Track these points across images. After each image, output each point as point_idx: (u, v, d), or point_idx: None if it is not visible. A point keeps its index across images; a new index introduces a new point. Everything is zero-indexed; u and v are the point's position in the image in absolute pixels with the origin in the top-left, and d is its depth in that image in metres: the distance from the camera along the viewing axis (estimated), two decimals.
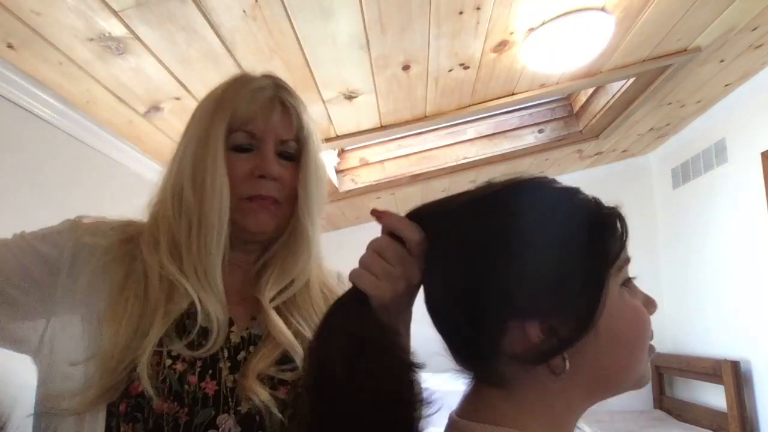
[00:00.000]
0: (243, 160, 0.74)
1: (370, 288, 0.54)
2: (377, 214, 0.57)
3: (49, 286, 0.70)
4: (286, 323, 0.76)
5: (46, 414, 0.68)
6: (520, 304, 0.49)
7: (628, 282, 0.54)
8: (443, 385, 0.52)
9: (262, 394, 0.69)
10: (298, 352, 0.74)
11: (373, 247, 0.56)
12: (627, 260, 0.54)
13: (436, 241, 0.54)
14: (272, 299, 0.77)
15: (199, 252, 0.72)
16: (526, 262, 0.50)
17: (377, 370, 0.50)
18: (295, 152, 0.78)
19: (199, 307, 0.70)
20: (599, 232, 0.52)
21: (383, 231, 0.58)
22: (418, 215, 0.57)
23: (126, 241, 0.74)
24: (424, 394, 0.52)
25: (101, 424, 0.65)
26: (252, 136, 0.75)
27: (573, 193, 0.55)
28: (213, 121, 0.74)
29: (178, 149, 0.78)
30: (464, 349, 0.53)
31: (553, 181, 0.56)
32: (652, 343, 0.55)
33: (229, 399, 0.70)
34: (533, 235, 0.50)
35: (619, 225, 0.53)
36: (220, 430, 0.68)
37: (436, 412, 0.51)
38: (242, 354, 0.74)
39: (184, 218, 0.73)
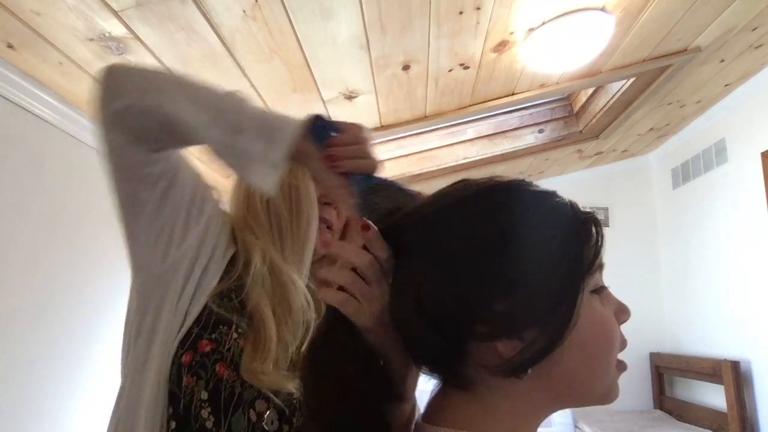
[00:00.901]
0: None
1: (355, 315, 0.52)
2: (364, 225, 0.54)
3: (189, 226, 0.78)
4: None
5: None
6: (491, 317, 0.48)
7: (600, 289, 0.52)
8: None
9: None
10: None
11: (354, 265, 0.53)
12: (601, 267, 0.52)
13: (407, 250, 0.53)
14: None
15: (294, 260, 0.83)
16: (499, 272, 0.49)
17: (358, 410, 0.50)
18: None
19: (307, 317, 0.79)
20: (576, 239, 0.50)
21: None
22: (390, 225, 0.55)
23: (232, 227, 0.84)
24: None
25: (166, 369, 0.72)
26: None
27: (548, 197, 0.53)
28: None
29: None
30: (429, 354, 0.52)
31: (529, 183, 0.54)
32: (621, 358, 0.53)
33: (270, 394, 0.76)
34: (506, 242, 0.49)
35: (594, 231, 0.52)
36: (263, 420, 0.73)
37: None
38: None
39: (275, 227, 0.84)
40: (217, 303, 0.75)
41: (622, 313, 0.54)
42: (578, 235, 0.51)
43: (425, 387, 0.56)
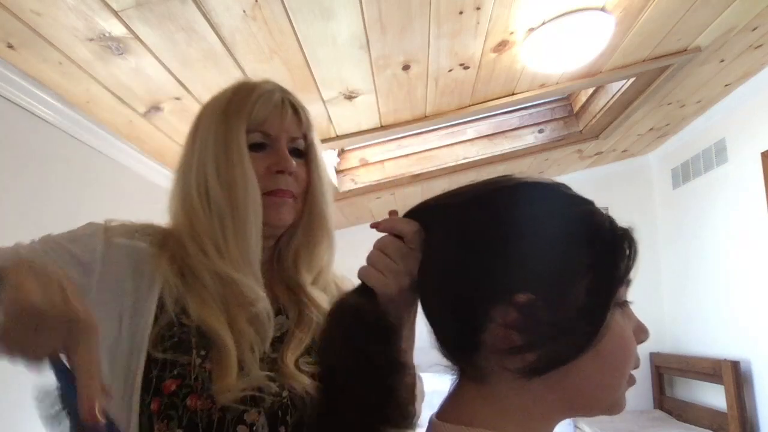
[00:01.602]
0: (260, 158, 0.79)
1: (377, 284, 0.57)
2: (375, 226, 0.60)
3: (84, 287, 0.71)
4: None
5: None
6: (511, 309, 0.48)
7: (623, 304, 0.53)
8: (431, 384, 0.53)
9: (303, 380, 0.73)
10: None
11: (377, 246, 0.59)
12: (629, 282, 0.52)
13: (439, 230, 0.55)
14: (311, 283, 0.84)
15: (239, 249, 0.75)
16: (527, 267, 0.49)
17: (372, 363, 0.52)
18: (303, 149, 0.84)
19: (264, 306, 0.74)
20: (613, 251, 0.51)
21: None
22: (418, 209, 0.58)
23: (159, 245, 0.77)
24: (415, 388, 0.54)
25: (135, 421, 0.68)
26: (267, 136, 0.80)
27: (587, 204, 0.53)
28: (230, 123, 0.78)
29: (191, 153, 0.81)
30: (448, 338, 0.53)
31: (566, 186, 0.54)
32: (633, 373, 0.54)
33: (257, 394, 0.71)
34: (540, 240, 0.49)
35: (629, 246, 0.52)
36: (254, 427, 0.70)
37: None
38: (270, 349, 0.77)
39: (215, 217, 0.76)
40: (160, 345, 0.70)
41: (641, 332, 0.54)
42: (615, 249, 0.51)
43: (440, 387, 0.56)
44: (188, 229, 0.77)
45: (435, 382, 0.55)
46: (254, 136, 0.79)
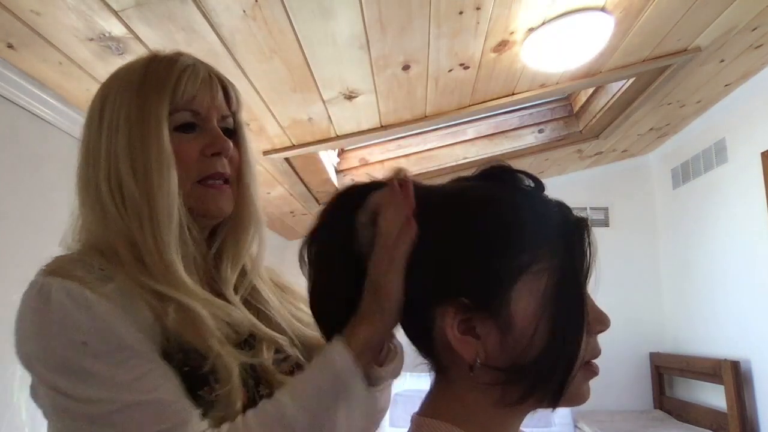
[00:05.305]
0: (191, 140, 0.70)
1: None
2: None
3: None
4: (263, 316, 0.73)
5: None
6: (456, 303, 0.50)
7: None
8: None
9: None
10: (289, 340, 0.72)
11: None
12: (588, 275, 0.52)
13: (427, 216, 0.56)
14: (236, 289, 0.73)
15: (156, 247, 0.64)
16: (465, 271, 0.50)
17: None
18: (233, 128, 0.75)
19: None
20: (568, 251, 0.51)
21: None
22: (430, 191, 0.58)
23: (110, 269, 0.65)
24: None
25: None
26: (196, 115, 0.71)
27: (532, 200, 0.54)
28: (148, 102, 0.68)
29: (96, 140, 0.69)
30: (409, 332, 0.56)
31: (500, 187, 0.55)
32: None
33: None
34: (480, 243, 0.51)
35: (586, 236, 0.52)
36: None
37: None
38: None
39: (132, 214, 0.66)
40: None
41: (598, 323, 0.53)
42: (571, 243, 0.51)
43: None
44: (111, 241, 0.66)
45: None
46: (182, 116, 0.69)
